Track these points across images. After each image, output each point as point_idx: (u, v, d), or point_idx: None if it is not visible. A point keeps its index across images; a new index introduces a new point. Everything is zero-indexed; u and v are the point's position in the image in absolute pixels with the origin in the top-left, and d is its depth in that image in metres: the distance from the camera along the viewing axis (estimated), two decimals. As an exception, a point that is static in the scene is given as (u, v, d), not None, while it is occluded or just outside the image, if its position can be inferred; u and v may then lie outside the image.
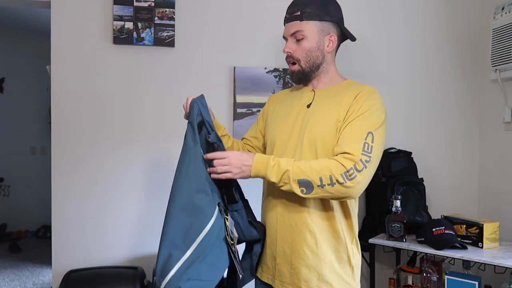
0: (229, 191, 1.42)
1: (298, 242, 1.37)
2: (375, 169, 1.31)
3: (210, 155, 1.34)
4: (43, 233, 5.03)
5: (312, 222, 1.36)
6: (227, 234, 1.33)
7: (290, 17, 1.43)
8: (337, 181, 1.24)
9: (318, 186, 1.25)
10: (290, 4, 1.45)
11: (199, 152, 1.34)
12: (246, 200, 1.51)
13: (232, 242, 1.35)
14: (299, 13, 1.40)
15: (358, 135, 1.28)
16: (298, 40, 1.41)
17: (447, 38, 2.52)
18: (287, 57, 1.47)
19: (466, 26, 2.53)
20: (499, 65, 2.22)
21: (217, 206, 1.33)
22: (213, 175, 1.34)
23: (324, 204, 1.37)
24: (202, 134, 1.38)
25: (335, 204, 1.37)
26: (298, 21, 1.40)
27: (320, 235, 1.36)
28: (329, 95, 1.43)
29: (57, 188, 2.15)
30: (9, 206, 5.14)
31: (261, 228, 1.47)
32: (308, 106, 1.44)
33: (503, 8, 2.20)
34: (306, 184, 1.26)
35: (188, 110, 1.41)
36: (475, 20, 2.52)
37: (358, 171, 1.24)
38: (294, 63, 1.45)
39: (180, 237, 1.27)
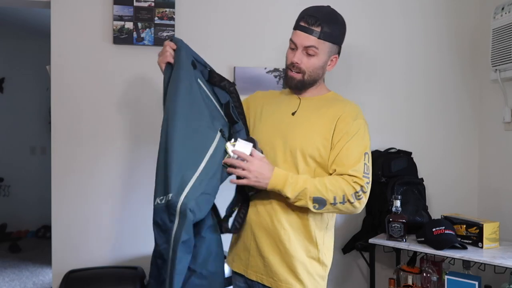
0: (228, 112, 1.49)
1: (272, 239, 1.42)
2: None
3: (236, 151, 1.38)
4: (43, 233, 5.03)
5: (287, 221, 1.42)
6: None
7: (308, 28, 1.39)
8: (348, 200, 1.35)
9: (331, 204, 1.35)
10: (309, 13, 1.41)
11: (195, 84, 1.43)
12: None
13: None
14: (319, 29, 1.39)
15: (357, 156, 1.38)
16: (309, 55, 1.42)
17: (447, 38, 2.52)
18: (291, 65, 1.45)
19: (466, 26, 2.53)
20: (499, 65, 2.22)
21: (218, 132, 1.40)
22: (229, 169, 1.38)
23: (301, 207, 1.41)
24: (198, 70, 1.48)
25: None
26: (316, 38, 1.39)
27: (293, 233, 1.42)
28: (313, 106, 1.48)
29: (57, 188, 2.15)
30: (9, 206, 5.14)
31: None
32: (293, 113, 1.48)
33: (503, 8, 2.19)
34: (320, 202, 1.35)
35: (169, 51, 1.44)
36: (475, 20, 2.52)
37: (364, 192, 1.38)
38: (297, 72, 1.45)
39: (189, 160, 1.31)
